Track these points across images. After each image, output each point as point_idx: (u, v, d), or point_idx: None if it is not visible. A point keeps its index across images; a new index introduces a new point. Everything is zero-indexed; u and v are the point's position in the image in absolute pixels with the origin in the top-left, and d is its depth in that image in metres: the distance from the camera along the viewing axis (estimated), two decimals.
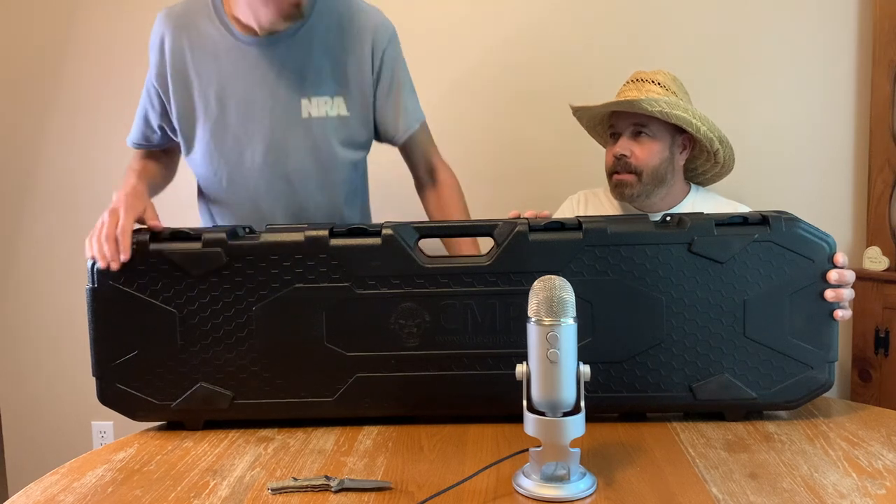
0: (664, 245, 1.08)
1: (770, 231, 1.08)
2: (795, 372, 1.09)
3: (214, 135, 1.34)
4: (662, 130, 1.51)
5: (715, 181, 1.65)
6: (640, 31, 2.04)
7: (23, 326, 2.27)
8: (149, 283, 1.09)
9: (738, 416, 1.11)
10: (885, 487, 0.89)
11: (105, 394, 1.12)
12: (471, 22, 2.07)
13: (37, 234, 2.24)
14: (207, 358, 1.11)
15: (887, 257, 1.97)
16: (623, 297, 1.08)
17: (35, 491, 0.94)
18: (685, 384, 1.09)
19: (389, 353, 1.10)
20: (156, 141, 1.42)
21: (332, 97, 1.34)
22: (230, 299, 1.09)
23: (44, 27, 2.16)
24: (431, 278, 1.09)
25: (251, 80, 1.31)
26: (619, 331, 1.09)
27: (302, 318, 1.09)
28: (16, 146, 2.21)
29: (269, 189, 1.36)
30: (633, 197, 1.53)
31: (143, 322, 1.10)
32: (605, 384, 1.09)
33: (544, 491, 0.88)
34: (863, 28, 1.98)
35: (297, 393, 1.11)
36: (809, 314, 1.08)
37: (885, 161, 1.97)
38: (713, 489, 0.89)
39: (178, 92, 1.33)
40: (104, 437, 2.29)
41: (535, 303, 0.88)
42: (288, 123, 1.33)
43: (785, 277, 1.08)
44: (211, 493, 0.91)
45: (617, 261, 1.08)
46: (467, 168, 2.08)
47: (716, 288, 1.08)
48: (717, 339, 1.09)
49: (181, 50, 1.32)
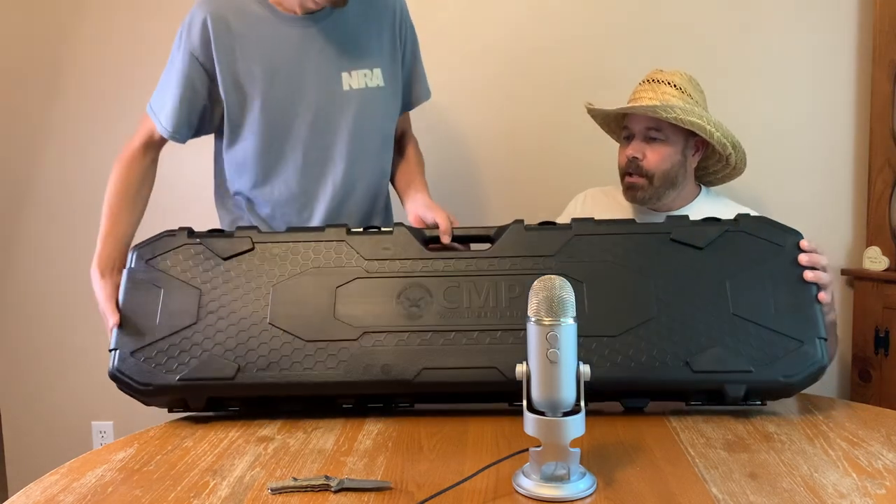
0: (645, 234, 1.20)
1: (739, 223, 1.20)
2: (787, 347, 1.11)
3: (264, 109, 1.38)
4: (676, 134, 1.51)
5: (724, 182, 1.65)
6: (641, 32, 2.04)
7: (23, 327, 2.27)
8: (179, 263, 1.21)
9: (738, 394, 1.10)
10: (885, 487, 0.89)
11: (117, 367, 1.14)
12: (479, 13, 2.07)
13: (37, 234, 2.24)
14: (221, 331, 1.15)
15: (887, 257, 1.97)
16: (612, 278, 1.17)
17: (35, 491, 0.94)
18: (680, 358, 1.10)
19: (397, 326, 1.15)
20: (185, 134, 1.42)
21: (371, 69, 1.40)
22: (251, 279, 1.19)
23: (44, 27, 2.16)
24: (436, 264, 1.19)
25: (295, 56, 1.37)
26: (610, 308, 1.14)
27: (314, 295, 1.18)
28: (16, 145, 2.21)
29: (314, 163, 1.41)
30: (645, 199, 1.54)
31: (168, 297, 1.19)
32: (601, 360, 1.11)
33: (544, 491, 0.88)
34: (863, 28, 1.98)
35: (302, 367, 1.13)
36: (792, 295, 1.14)
37: (885, 161, 1.97)
38: (713, 489, 0.89)
39: (225, 70, 1.36)
40: (104, 437, 2.29)
41: (535, 302, 0.88)
42: (331, 97, 1.39)
43: (759, 260, 1.17)
44: (211, 493, 0.91)
45: (606, 247, 1.19)
46: (473, 166, 2.10)
47: (698, 270, 1.17)
48: (706, 316, 1.13)
49: (227, 30, 1.36)
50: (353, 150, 1.42)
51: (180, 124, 1.40)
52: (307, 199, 1.43)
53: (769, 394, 1.14)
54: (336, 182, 1.42)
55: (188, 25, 1.37)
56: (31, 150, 2.21)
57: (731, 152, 1.53)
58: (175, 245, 1.23)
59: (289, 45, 1.37)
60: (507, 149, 2.10)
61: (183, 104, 1.39)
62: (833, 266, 2.07)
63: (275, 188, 1.43)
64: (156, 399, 1.16)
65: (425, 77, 1.54)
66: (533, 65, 2.07)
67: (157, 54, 2.13)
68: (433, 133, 1.91)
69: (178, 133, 1.41)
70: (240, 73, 1.37)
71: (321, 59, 1.38)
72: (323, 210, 1.43)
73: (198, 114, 1.41)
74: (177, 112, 1.39)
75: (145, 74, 2.10)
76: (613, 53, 2.04)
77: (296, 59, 1.37)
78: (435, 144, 1.94)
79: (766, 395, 1.14)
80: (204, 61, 1.37)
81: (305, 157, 1.41)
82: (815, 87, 2.01)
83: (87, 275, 1.31)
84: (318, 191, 1.43)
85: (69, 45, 2.16)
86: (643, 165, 1.52)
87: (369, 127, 1.43)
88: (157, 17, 2.12)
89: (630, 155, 1.53)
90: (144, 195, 1.42)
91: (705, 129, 1.48)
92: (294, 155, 1.41)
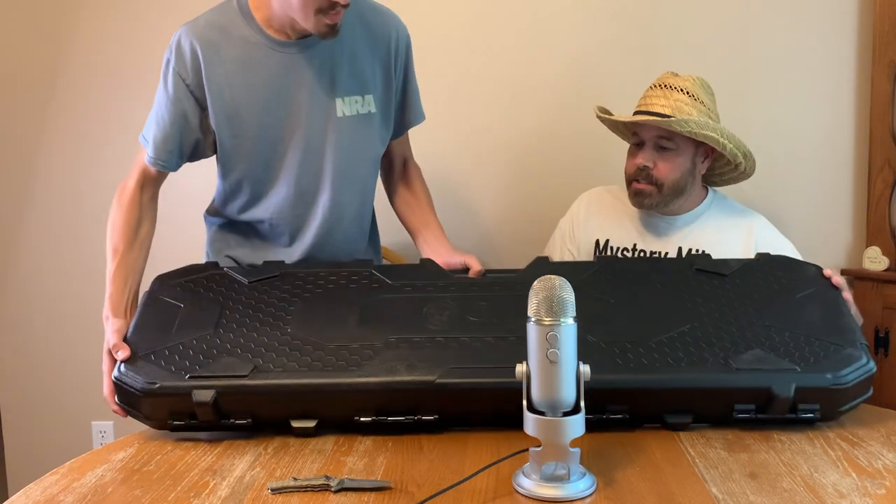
0: (669, 269, 1.24)
1: (759, 261, 1.25)
2: (828, 349, 1.08)
3: (257, 137, 1.35)
4: (687, 143, 1.50)
5: (731, 183, 1.65)
6: (641, 33, 2.03)
7: (22, 327, 2.27)
8: (203, 285, 1.23)
9: (787, 393, 1.02)
10: (885, 487, 0.89)
11: (122, 371, 1.09)
12: (484, 14, 2.07)
13: (37, 234, 2.24)
14: (239, 337, 1.13)
15: (887, 257, 1.97)
16: (641, 297, 1.18)
17: (35, 491, 0.94)
18: (720, 358, 1.07)
19: (421, 336, 1.12)
20: (175, 164, 1.38)
21: (363, 95, 1.38)
22: (275, 296, 1.20)
23: (44, 27, 2.16)
24: (461, 285, 1.23)
25: (288, 82, 1.33)
26: (643, 320, 1.13)
27: (338, 308, 1.18)
28: (16, 145, 2.21)
29: (305, 190, 1.38)
30: (652, 206, 1.54)
31: (187, 311, 1.17)
32: (637, 363, 1.06)
33: (544, 491, 0.88)
34: (863, 28, 1.98)
35: (322, 367, 1.08)
36: (823, 309, 1.15)
37: (885, 161, 1.97)
38: (713, 489, 0.89)
39: (216, 99, 1.32)
40: (104, 437, 2.29)
41: (535, 302, 0.88)
42: (323, 124, 1.36)
43: (785, 285, 1.20)
44: (211, 493, 0.91)
45: (631, 275, 1.23)
46: (474, 165, 2.10)
47: (726, 291, 1.18)
48: (740, 326, 1.12)
49: (217, 57, 1.31)
50: (343, 175, 1.38)
51: (170, 154, 1.35)
52: (298, 223, 1.41)
53: (820, 396, 1.05)
54: (325, 207, 1.39)
55: (175, 51, 1.32)
56: (31, 150, 2.21)
57: (742, 161, 1.53)
58: (200, 271, 1.25)
59: (282, 71, 1.32)
60: (508, 152, 2.10)
61: (173, 134, 1.34)
62: (833, 266, 2.07)
63: (265, 212, 1.40)
64: (159, 402, 1.07)
65: (419, 100, 1.49)
66: (535, 67, 2.07)
67: (158, 54, 2.14)
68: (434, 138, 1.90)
69: (167, 163, 1.36)
70: (232, 101, 1.32)
71: (315, 86, 1.34)
72: (312, 234, 1.40)
73: (190, 144, 1.37)
74: (166, 142, 1.34)
75: (145, 74, 2.11)
76: (614, 54, 2.04)
77: (288, 86, 1.33)
78: (436, 150, 1.94)
79: (817, 397, 1.05)
80: (194, 89, 1.32)
81: (297, 184, 1.37)
82: (815, 88, 2.01)
83: (87, 275, 1.30)
84: (309, 216, 1.40)
85: (69, 46, 2.16)
86: (654, 174, 1.51)
87: (359, 153, 1.40)
88: (157, 17, 2.12)
89: (640, 164, 1.51)
90: (147, 233, 1.37)
91: (719, 141, 1.47)
92: (286, 180, 1.37)
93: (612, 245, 1.61)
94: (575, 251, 1.65)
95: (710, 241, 1.55)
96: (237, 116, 1.33)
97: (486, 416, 1.10)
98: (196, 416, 1.07)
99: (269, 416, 1.09)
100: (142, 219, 1.36)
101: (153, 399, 1.07)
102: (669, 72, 1.57)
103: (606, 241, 1.61)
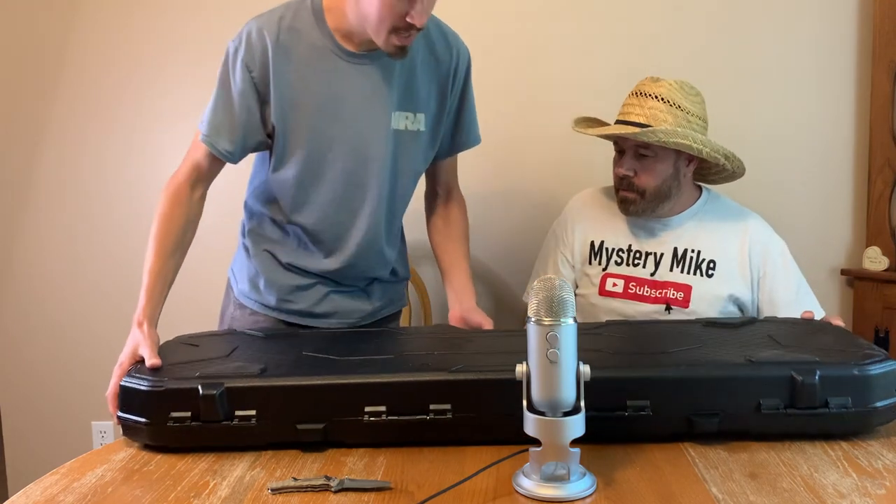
0: (681, 324, 1.32)
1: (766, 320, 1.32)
2: (847, 348, 1.10)
3: (310, 140, 1.36)
4: (665, 150, 1.50)
5: (728, 182, 1.64)
6: (640, 33, 2.04)
7: (23, 326, 2.27)
8: (220, 335, 1.33)
9: (812, 380, 0.99)
10: (885, 487, 0.89)
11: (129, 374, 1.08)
12: (474, 15, 2.07)
13: (37, 235, 2.24)
14: (252, 355, 1.17)
15: (887, 257, 1.97)
16: (654, 331, 1.27)
17: (35, 491, 0.94)
18: (740, 357, 1.07)
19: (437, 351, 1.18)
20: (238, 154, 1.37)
21: (415, 113, 1.40)
22: (290, 337, 1.30)
23: (44, 27, 2.16)
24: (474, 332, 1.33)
25: (347, 88, 1.35)
26: (660, 343, 1.18)
27: (353, 338, 1.29)
28: (16, 145, 2.21)
29: (351, 197, 1.40)
30: (638, 213, 1.55)
31: (202, 348, 1.22)
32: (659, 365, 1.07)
33: (544, 491, 0.88)
34: (863, 28, 1.98)
35: (335, 368, 1.09)
36: (835, 335, 1.20)
37: (885, 161, 1.97)
38: (713, 489, 0.89)
39: (278, 95, 1.33)
40: (104, 437, 2.29)
41: (535, 303, 0.88)
42: (373, 134, 1.37)
43: (792, 322, 1.30)
44: (211, 494, 0.91)
45: (640, 328, 1.30)
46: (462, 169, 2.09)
47: (738, 334, 1.21)
48: (756, 345, 1.14)
49: (286, 56, 1.32)
50: (385, 186, 1.40)
51: (234, 144, 1.35)
52: (339, 232, 1.41)
53: (848, 387, 1.01)
54: (367, 216, 1.41)
55: (245, 42, 1.32)
56: (31, 150, 2.20)
57: (725, 162, 1.52)
58: (216, 333, 1.35)
59: (344, 79, 1.35)
60: (497, 155, 2.09)
61: (239, 124, 1.34)
62: (833, 266, 2.07)
63: (308, 217, 1.41)
64: (162, 404, 1.03)
65: (475, 123, 1.52)
66: (528, 69, 2.07)
67: (157, 54, 2.14)
68: None
69: (232, 154, 1.36)
70: (290, 101, 1.33)
71: (369, 97, 1.36)
72: (354, 243, 1.42)
73: (254, 135, 1.36)
74: (232, 131, 1.34)
75: (146, 74, 2.11)
76: (613, 54, 2.04)
77: (344, 94, 1.35)
78: None
79: (845, 389, 1.01)
80: (258, 81, 1.33)
81: (344, 190, 1.39)
82: (815, 88, 2.01)
83: (87, 274, 1.30)
84: (351, 225, 1.41)
85: (69, 46, 2.16)
86: (635, 182, 1.52)
87: (403, 167, 1.42)
88: (157, 18, 2.12)
89: (621, 173, 1.53)
90: (190, 240, 1.36)
91: (692, 147, 1.46)
92: (332, 186, 1.39)
93: (606, 246, 1.61)
94: (569, 255, 1.65)
95: (704, 240, 1.56)
96: (292, 116, 1.35)
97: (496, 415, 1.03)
98: (199, 415, 1.02)
99: (276, 415, 1.03)
100: (189, 222, 1.34)
101: (159, 400, 1.03)
102: (649, 77, 1.56)
103: (601, 243, 1.61)
